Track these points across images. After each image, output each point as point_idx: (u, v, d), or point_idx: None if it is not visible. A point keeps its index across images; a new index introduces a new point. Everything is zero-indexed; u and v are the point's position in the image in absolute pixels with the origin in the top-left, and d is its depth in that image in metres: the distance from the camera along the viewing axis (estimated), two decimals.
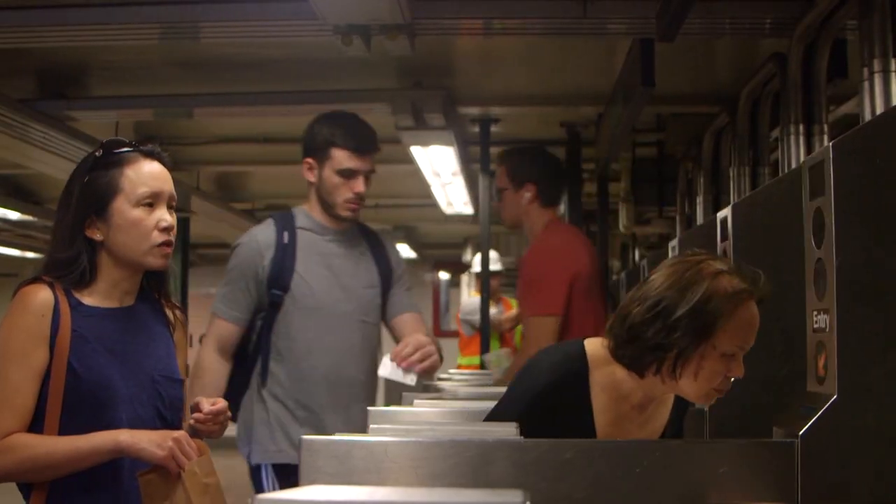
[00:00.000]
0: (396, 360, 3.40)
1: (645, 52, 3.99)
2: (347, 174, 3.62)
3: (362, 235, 3.83)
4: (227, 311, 3.62)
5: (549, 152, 5.01)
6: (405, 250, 13.02)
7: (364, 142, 3.63)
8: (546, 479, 1.99)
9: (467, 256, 12.48)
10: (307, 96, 5.44)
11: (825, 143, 3.63)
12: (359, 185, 3.65)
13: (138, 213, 2.45)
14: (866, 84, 3.04)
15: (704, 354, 2.25)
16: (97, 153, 2.50)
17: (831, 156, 2.05)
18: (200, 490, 2.31)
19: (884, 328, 2.01)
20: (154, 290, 2.62)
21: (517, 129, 6.64)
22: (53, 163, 5.81)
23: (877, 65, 3.03)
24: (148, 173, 2.48)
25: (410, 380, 3.37)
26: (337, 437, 2.00)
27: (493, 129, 6.41)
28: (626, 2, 3.84)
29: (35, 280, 2.47)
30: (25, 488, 2.43)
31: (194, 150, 7.25)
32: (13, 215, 8.87)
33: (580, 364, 2.43)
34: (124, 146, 2.51)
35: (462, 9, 3.88)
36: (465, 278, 12.60)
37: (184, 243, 9.36)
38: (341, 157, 3.59)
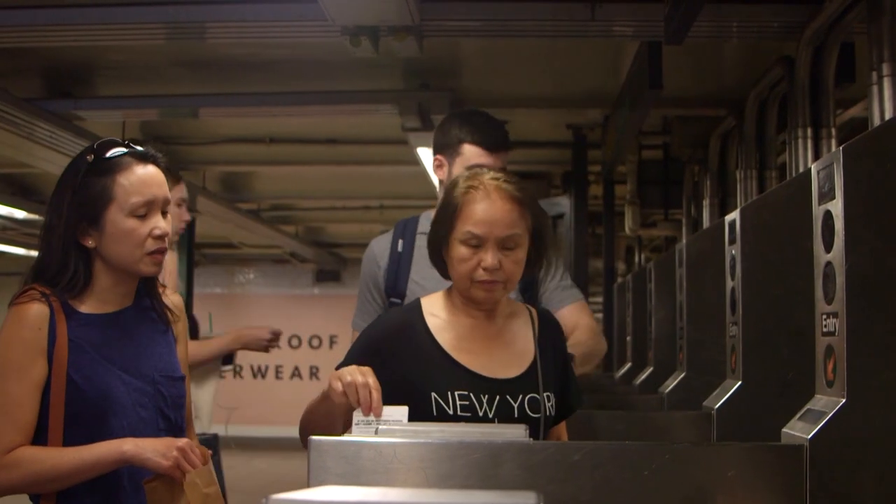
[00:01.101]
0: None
1: (652, 54, 3.99)
2: None
3: None
4: (360, 323, 3.57)
5: None
6: None
7: (495, 139, 3.53)
8: (553, 481, 1.99)
9: None
10: (313, 97, 5.45)
11: (833, 146, 3.63)
12: None
13: (132, 223, 2.38)
14: (875, 88, 3.04)
15: (451, 244, 2.47)
16: (89, 157, 2.42)
17: (841, 159, 2.05)
18: (200, 501, 2.29)
19: (893, 332, 2.01)
20: (145, 289, 2.55)
21: (523, 131, 6.63)
22: (59, 162, 5.80)
23: (885, 69, 3.03)
24: (141, 181, 2.40)
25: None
26: (346, 437, 2.00)
27: None
28: (634, 4, 3.84)
29: (29, 290, 2.40)
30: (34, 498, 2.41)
31: (200, 150, 7.26)
32: (19, 214, 8.89)
33: (415, 304, 2.61)
34: (116, 148, 2.43)
35: (470, 10, 3.88)
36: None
37: (189, 243, 9.36)
38: (473, 154, 3.51)
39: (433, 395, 2.42)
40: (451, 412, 2.39)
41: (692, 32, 3.56)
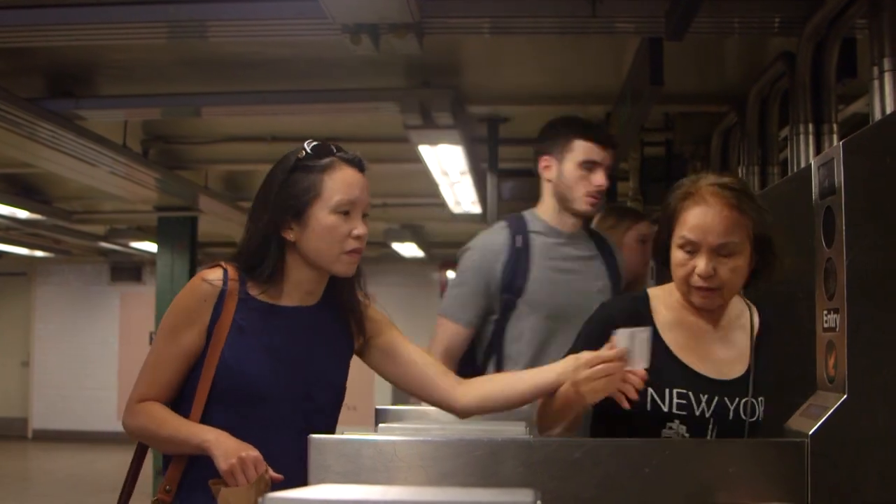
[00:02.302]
0: None
1: (653, 51, 3.98)
2: (589, 166, 3.56)
3: (591, 239, 3.73)
4: (460, 314, 3.52)
5: None
6: (413, 249, 13.01)
7: (604, 133, 3.55)
8: (555, 479, 1.99)
9: None
10: (315, 95, 5.45)
11: (834, 142, 3.63)
12: (599, 177, 3.58)
13: (334, 219, 2.45)
14: (876, 83, 3.04)
15: (672, 247, 2.47)
16: (299, 155, 2.50)
17: (841, 154, 2.04)
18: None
19: (894, 327, 2.01)
20: (339, 294, 2.58)
21: (525, 128, 6.62)
22: (62, 162, 5.82)
23: (886, 64, 3.02)
24: (346, 181, 2.48)
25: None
26: (346, 436, 2.00)
27: (502, 128, 6.41)
28: (635, 1, 3.83)
29: (215, 265, 2.50)
30: (165, 459, 2.48)
31: (202, 149, 7.26)
32: (22, 214, 8.89)
33: (641, 295, 2.61)
34: (326, 149, 2.51)
35: (470, 8, 3.87)
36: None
37: (192, 242, 9.37)
38: (584, 149, 3.51)
39: (650, 390, 2.42)
40: (665, 409, 2.40)
41: (693, 28, 3.56)
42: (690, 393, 2.42)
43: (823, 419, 2.01)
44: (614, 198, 7.02)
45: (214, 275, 2.48)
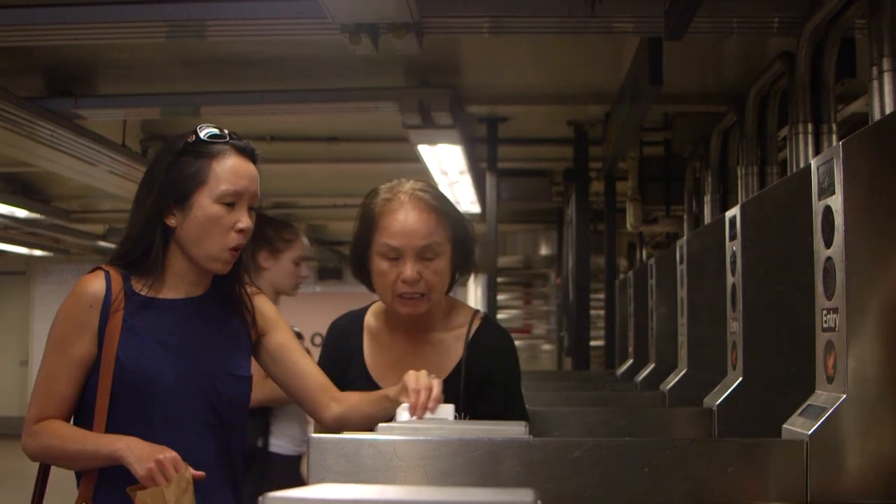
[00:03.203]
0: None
1: (653, 50, 3.99)
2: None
3: None
4: None
5: None
6: None
7: None
8: (554, 478, 1.99)
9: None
10: (314, 95, 5.45)
11: (833, 142, 3.63)
12: None
13: (217, 209, 2.38)
14: (875, 83, 3.04)
15: (371, 258, 2.48)
16: (189, 139, 2.43)
17: (841, 155, 2.04)
18: None
19: (893, 327, 2.01)
20: (224, 285, 2.52)
21: (524, 127, 6.64)
22: (61, 161, 5.81)
23: (886, 64, 3.02)
24: (235, 170, 2.41)
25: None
26: (346, 435, 2.00)
27: (501, 127, 6.41)
28: (634, 0, 3.83)
29: (96, 269, 2.43)
30: (77, 474, 2.41)
31: None
32: (21, 213, 8.89)
33: (365, 307, 2.64)
34: (218, 136, 2.44)
35: (469, 7, 3.87)
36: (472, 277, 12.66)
37: None
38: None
39: None
40: None
41: (692, 28, 3.55)
42: None
43: (823, 419, 2.01)
44: (613, 197, 7.03)
45: (96, 279, 2.41)
